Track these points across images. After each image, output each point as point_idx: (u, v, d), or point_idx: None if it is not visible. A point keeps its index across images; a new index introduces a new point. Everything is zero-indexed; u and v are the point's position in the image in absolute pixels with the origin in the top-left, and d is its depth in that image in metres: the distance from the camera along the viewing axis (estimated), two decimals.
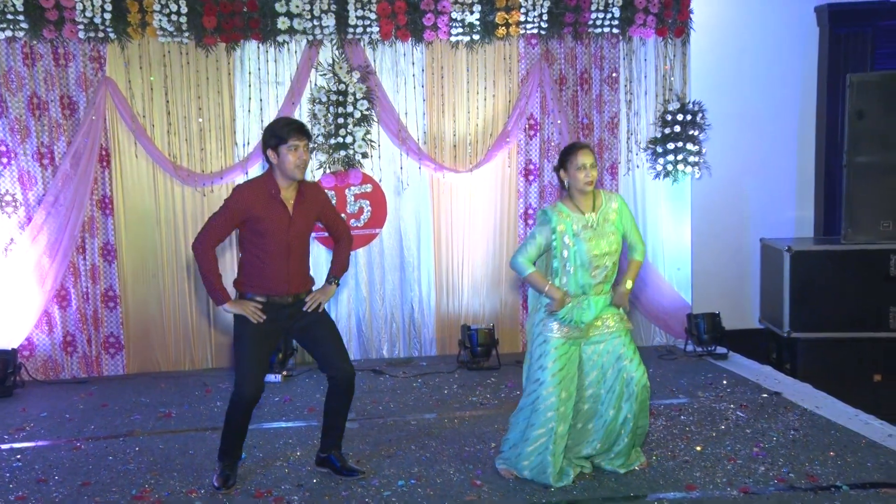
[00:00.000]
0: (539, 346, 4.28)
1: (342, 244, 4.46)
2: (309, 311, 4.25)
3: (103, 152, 6.36)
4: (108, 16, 6.12)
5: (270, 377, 6.20)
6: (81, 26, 6.13)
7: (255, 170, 6.46)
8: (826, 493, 4.05)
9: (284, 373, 6.32)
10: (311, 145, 4.36)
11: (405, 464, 4.57)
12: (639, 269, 4.43)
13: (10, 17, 6.02)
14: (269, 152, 4.09)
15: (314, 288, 4.36)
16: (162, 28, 6.20)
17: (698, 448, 4.68)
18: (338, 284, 4.43)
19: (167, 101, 6.37)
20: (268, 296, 4.16)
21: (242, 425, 4.28)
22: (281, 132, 4.06)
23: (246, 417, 4.26)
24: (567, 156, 4.23)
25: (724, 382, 5.97)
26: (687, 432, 4.95)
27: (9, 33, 6.08)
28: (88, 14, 6.09)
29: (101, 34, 6.18)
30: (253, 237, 4.13)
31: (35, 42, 6.16)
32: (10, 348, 6.15)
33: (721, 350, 6.70)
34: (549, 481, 4.19)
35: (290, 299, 4.21)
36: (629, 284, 4.34)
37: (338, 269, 4.44)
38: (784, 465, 4.40)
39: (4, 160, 6.23)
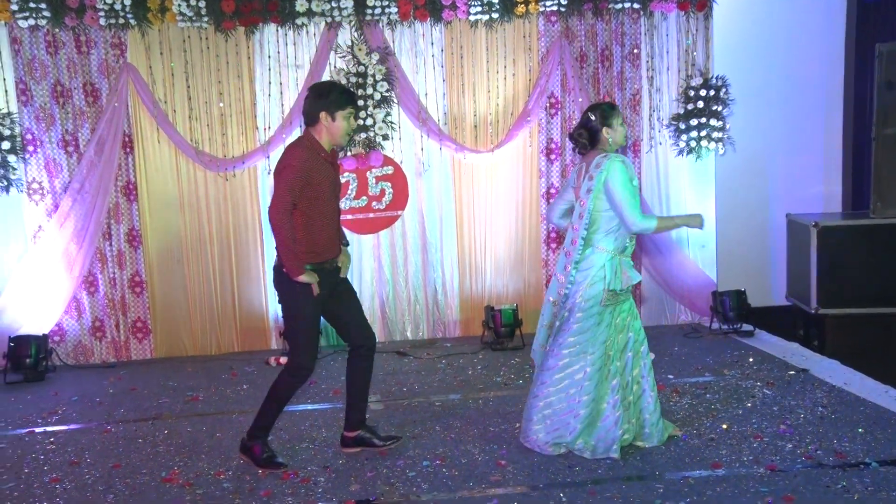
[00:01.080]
0: (587, 316, 4.28)
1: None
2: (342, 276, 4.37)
3: (126, 139, 6.41)
4: (128, 2, 6.18)
5: None
6: (102, 13, 6.17)
7: (277, 153, 6.43)
8: (855, 469, 4.02)
9: None
10: None
11: (430, 444, 4.60)
12: None
13: (32, 5, 6.08)
14: (323, 115, 4.12)
15: None
16: (181, 13, 6.23)
17: (724, 426, 4.66)
18: (349, 247, 4.56)
19: (188, 87, 6.40)
20: (320, 263, 4.21)
21: (286, 402, 4.39)
22: (342, 98, 4.15)
23: (293, 394, 4.37)
24: (614, 113, 4.30)
25: (751, 360, 5.93)
26: (713, 410, 4.93)
27: (31, 22, 6.14)
28: (109, 1, 6.13)
29: (121, 21, 6.22)
30: (309, 201, 4.12)
31: (57, 30, 6.22)
32: (41, 334, 6.24)
33: (747, 327, 6.66)
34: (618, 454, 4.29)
35: (334, 264, 4.30)
36: None
37: (344, 236, 4.53)
38: (812, 443, 4.37)
39: (31, 148, 6.31)
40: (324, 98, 4.13)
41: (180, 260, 6.59)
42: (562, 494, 3.90)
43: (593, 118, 4.31)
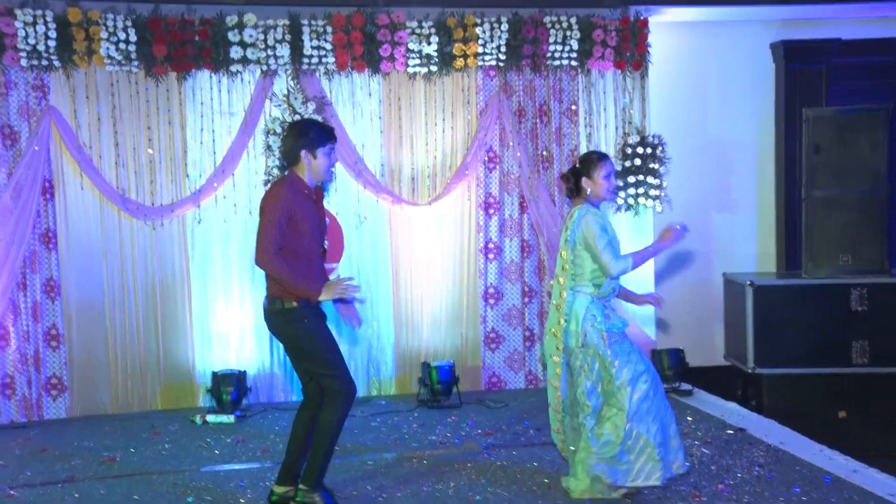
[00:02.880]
0: (616, 346, 4.32)
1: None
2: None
3: (46, 184, 6.23)
4: (52, 43, 6.04)
5: (223, 417, 6.09)
6: (24, 53, 6.03)
7: (209, 202, 6.39)
8: None
9: (237, 413, 6.17)
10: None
11: None
12: None
13: None
14: (304, 153, 4.15)
15: None
16: (109, 56, 6.13)
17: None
18: None
19: (115, 132, 6.28)
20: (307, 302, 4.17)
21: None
22: (321, 135, 4.19)
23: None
24: (597, 164, 4.37)
25: (689, 419, 5.94)
26: None
27: None
28: (31, 41, 6.01)
29: (45, 62, 6.09)
30: (293, 238, 4.12)
31: None
32: None
33: (686, 387, 6.69)
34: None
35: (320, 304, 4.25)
36: None
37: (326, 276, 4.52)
38: (749, 502, 4.36)
39: None
40: (303, 136, 4.17)
41: (101, 313, 6.36)
42: None
43: (577, 165, 4.44)
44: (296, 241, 4.15)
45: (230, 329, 6.53)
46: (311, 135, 4.18)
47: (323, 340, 4.24)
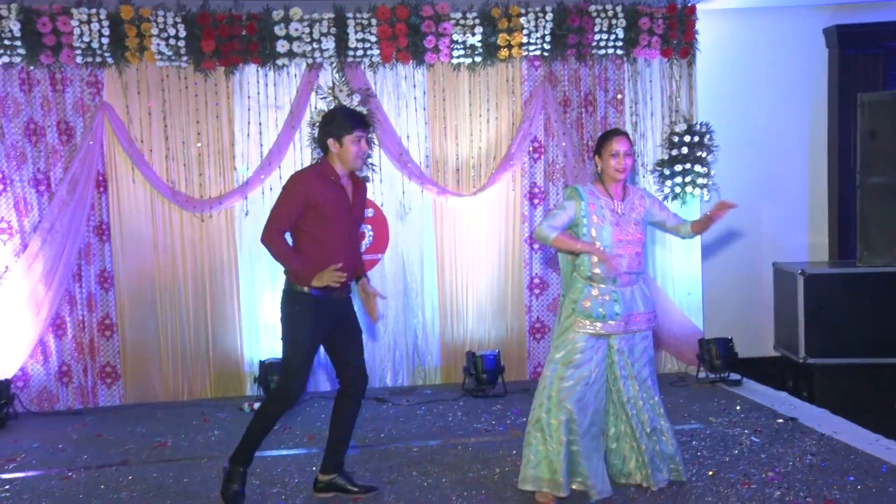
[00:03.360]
0: (560, 342, 4.27)
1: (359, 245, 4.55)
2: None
3: (100, 178, 6.38)
4: (105, 41, 6.18)
5: None
6: (79, 51, 6.18)
7: (256, 194, 6.47)
8: None
9: None
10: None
11: (406, 490, 4.49)
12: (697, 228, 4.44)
13: (6, 42, 6.08)
14: (331, 141, 4.13)
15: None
16: (160, 52, 6.26)
17: (710, 473, 4.58)
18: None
19: (165, 126, 6.40)
20: (328, 290, 4.15)
21: (271, 426, 4.30)
22: (347, 122, 4.13)
23: (277, 419, 4.30)
24: (603, 142, 4.31)
25: (738, 408, 5.87)
26: (699, 457, 4.85)
27: (6, 59, 6.14)
28: (86, 39, 6.15)
29: (98, 59, 6.23)
30: (315, 224, 4.13)
31: (32, 68, 6.21)
32: (3, 379, 6.10)
33: (734, 376, 6.60)
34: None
35: (345, 294, 4.24)
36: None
37: (363, 267, 4.54)
38: (801, 490, 4.29)
39: (0, 187, 6.25)
40: (329, 124, 4.16)
41: (153, 303, 6.50)
42: None
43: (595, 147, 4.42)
44: (316, 226, 4.14)
45: (277, 319, 6.57)
46: (336, 122, 4.15)
47: (298, 334, 4.20)
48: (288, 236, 4.22)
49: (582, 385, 4.20)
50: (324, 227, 4.14)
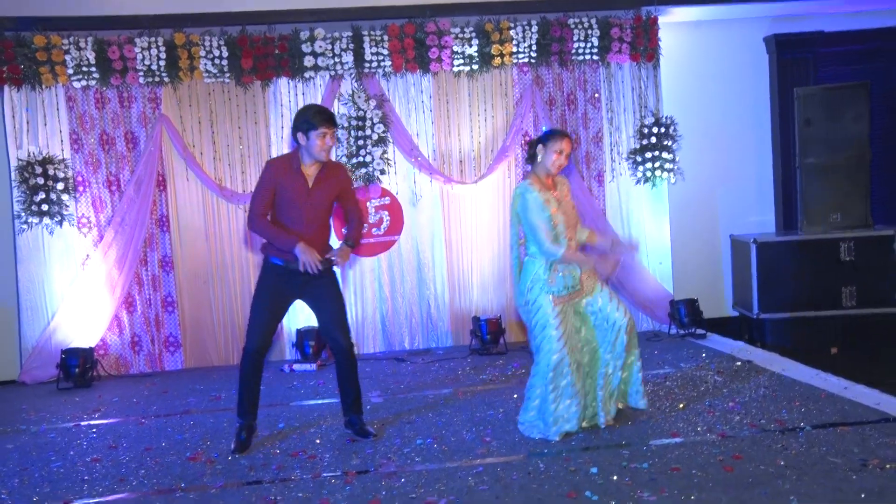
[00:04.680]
0: (540, 317, 4.16)
1: (353, 223, 4.34)
2: (325, 266, 4.10)
3: (160, 178, 6.42)
4: (162, 63, 6.22)
5: (306, 366, 6.20)
6: (141, 73, 6.23)
7: None
8: (792, 433, 3.97)
9: (319, 362, 6.28)
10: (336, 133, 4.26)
11: (423, 427, 4.52)
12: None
13: (84, 69, 6.15)
14: (299, 135, 4.07)
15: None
16: (207, 70, 6.29)
17: (681, 405, 4.60)
18: (351, 247, 4.27)
19: (213, 132, 6.43)
20: (286, 261, 4.12)
21: (251, 379, 4.24)
22: (313, 119, 4.04)
23: (254, 371, 4.22)
24: (551, 137, 4.19)
25: (704, 356, 5.88)
26: (671, 394, 4.87)
27: (83, 82, 6.21)
28: (147, 62, 6.20)
29: (157, 79, 6.27)
30: (277, 206, 4.12)
31: (104, 88, 6.27)
32: (88, 347, 6.17)
33: (700, 332, 6.60)
34: (576, 427, 4.14)
35: (297, 266, 4.09)
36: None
37: (351, 236, 4.32)
38: (756, 415, 4.32)
39: (81, 188, 6.31)
40: (299, 120, 4.08)
41: (206, 282, 6.53)
42: (540, 462, 3.83)
43: (537, 138, 4.28)
44: (279, 208, 4.11)
45: None
46: (304, 117, 4.04)
47: (258, 296, 4.17)
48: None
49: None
50: (285, 208, 4.10)
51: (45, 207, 6.13)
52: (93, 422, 5.03)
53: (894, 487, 3.25)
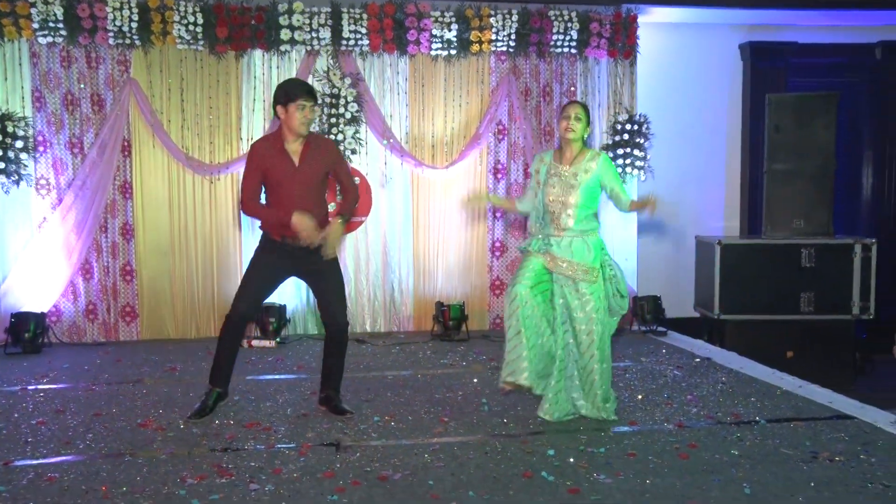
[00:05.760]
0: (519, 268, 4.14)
1: (348, 196, 4.27)
2: (317, 244, 4.01)
3: (125, 143, 6.26)
4: (134, 25, 6.07)
5: (265, 342, 6.10)
6: (112, 33, 6.07)
7: None
8: (747, 426, 4.01)
9: (277, 339, 6.19)
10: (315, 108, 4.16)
11: (381, 406, 4.47)
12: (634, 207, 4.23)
13: (51, 24, 5.96)
14: (279, 108, 3.99)
15: None
16: (180, 36, 6.15)
17: (640, 397, 4.61)
18: (343, 223, 4.14)
19: (182, 101, 6.29)
20: (283, 236, 4.06)
21: (231, 345, 4.18)
22: (293, 91, 3.98)
23: (235, 337, 4.17)
24: (562, 108, 4.21)
25: (664, 351, 5.92)
26: (631, 386, 4.88)
27: (49, 39, 6.02)
28: (118, 23, 6.05)
29: (128, 41, 6.12)
30: (267, 187, 4.07)
31: (71, 47, 6.09)
32: (40, 312, 6.00)
33: (661, 329, 6.65)
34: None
35: (296, 242, 4.06)
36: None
37: (342, 210, 4.28)
38: (713, 407, 4.35)
39: (41, 149, 6.13)
40: (279, 93, 4.01)
41: (167, 253, 6.39)
42: (497, 443, 3.80)
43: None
44: (269, 189, 4.07)
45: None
46: (283, 91, 3.98)
47: (253, 265, 4.16)
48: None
49: None
50: (275, 189, 4.05)
51: (1, 166, 5.93)
52: (40, 386, 4.88)
53: (842, 478, 3.30)
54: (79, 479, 3.35)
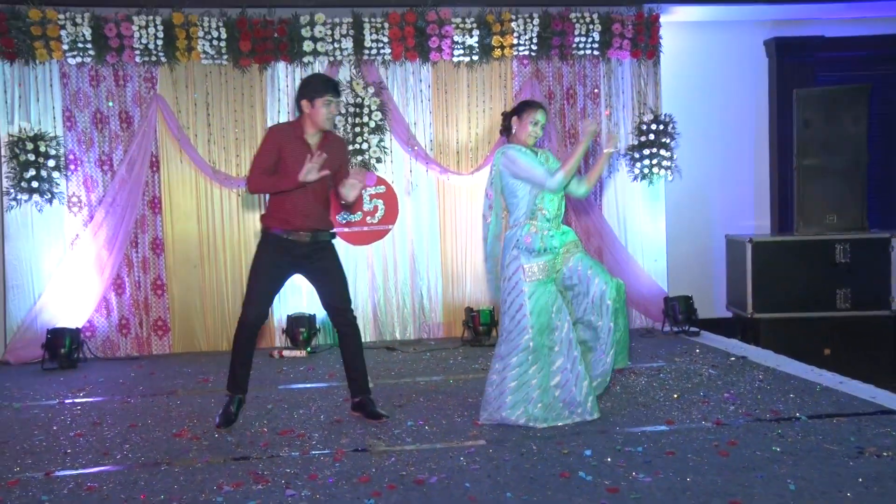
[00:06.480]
0: (514, 297, 4.02)
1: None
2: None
3: (153, 159, 6.35)
4: (160, 42, 6.16)
5: (296, 352, 6.13)
6: (138, 52, 6.16)
7: None
8: (788, 422, 3.93)
9: (308, 349, 6.21)
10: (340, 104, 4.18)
11: (414, 410, 4.46)
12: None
13: (80, 45, 6.08)
14: (304, 102, 4.00)
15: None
16: (205, 52, 6.23)
17: (675, 395, 4.55)
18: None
19: (208, 115, 6.37)
20: (287, 231, 4.06)
21: (245, 351, 4.17)
22: (320, 87, 4.00)
23: (249, 343, 4.16)
24: (526, 108, 4.12)
25: (697, 351, 5.84)
26: (666, 386, 4.82)
27: (78, 59, 6.13)
28: (144, 41, 6.14)
29: (153, 58, 6.21)
30: (280, 172, 4.04)
31: (99, 66, 6.20)
32: (74, 328, 6.08)
33: (694, 329, 6.56)
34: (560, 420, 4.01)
35: (307, 237, 4.07)
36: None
37: (324, 215, 4.23)
38: (751, 405, 4.28)
39: (72, 167, 6.24)
40: (305, 87, 4.03)
41: (197, 266, 6.45)
42: (533, 445, 3.77)
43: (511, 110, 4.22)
44: None
45: (301, 279, 6.52)
46: (310, 85, 4.00)
47: (257, 267, 4.10)
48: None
49: None
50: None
51: (34, 185, 6.04)
52: (77, 400, 4.94)
53: (891, 474, 3.22)
54: (117, 488, 3.38)
